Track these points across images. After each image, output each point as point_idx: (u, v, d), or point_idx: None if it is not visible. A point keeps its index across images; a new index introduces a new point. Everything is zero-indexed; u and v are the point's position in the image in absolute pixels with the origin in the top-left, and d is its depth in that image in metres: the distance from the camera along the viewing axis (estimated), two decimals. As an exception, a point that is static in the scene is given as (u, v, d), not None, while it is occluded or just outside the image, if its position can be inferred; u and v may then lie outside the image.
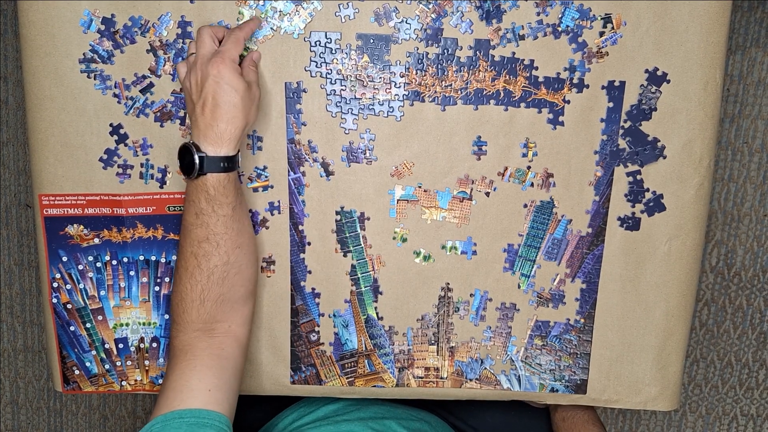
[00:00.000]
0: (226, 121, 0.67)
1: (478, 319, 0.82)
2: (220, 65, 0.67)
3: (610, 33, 0.75)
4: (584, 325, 0.82)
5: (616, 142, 0.77)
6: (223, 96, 0.67)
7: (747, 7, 1.38)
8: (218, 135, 0.68)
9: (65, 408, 1.62)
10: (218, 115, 0.67)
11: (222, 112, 0.67)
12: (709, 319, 1.51)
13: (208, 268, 0.69)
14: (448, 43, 0.75)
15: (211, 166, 0.68)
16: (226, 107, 0.67)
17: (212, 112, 0.67)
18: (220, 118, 0.67)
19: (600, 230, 0.80)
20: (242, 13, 0.74)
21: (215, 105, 0.67)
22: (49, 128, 0.77)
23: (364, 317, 0.83)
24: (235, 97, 0.67)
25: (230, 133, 0.68)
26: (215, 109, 0.67)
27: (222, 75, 0.67)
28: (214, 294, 0.70)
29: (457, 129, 0.77)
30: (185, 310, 0.69)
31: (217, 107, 0.67)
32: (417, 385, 0.84)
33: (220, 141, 0.68)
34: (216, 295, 0.70)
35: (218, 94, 0.67)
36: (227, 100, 0.67)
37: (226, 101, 0.67)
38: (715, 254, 1.48)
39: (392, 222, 0.80)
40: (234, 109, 0.68)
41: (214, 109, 0.67)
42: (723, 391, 1.55)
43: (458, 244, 0.80)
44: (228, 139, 0.68)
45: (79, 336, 0.83)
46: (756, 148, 1.42)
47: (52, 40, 0.75)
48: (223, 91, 0.67)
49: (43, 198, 0.79)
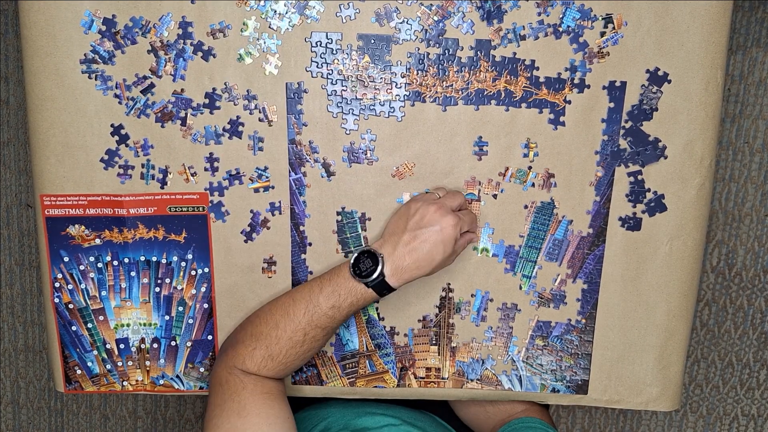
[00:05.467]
0: (417, 267, 0.70)
1: (479, 320, 0.82)
2: (453, 226, 0.70)
3: (611, 33, 0.75)
4: (585, 326, 0.82)
5: (617, 142, 0.77)
6: (432, 249, 0.70)
7: (748, 7, 1.38)
8: (402, 269, 0.70)
9: (66, 408, 1.62)
10: (415, 257, 0.70)
11: (420, 258, 0.70)
12: (710, 319, 1.51)
13: (309, 349, 0.74)
14: (448, 44, 0.75)
15: (378, 286, 0.71)
16: (425, 258, 0.70)
17: (413, 250, 0.70)
18: (414, 260, 0.70)
19: (601, 230, 0.80)
20: (246, 24, 0.74)
21: (419, 249, 0.70)
22: (50, 129, 0.77)
23: (366, 318, 0.83)
24: (437, 256, 0.70)
25: (410, 275, 0.71)
26: (416, 250, 0.70)
27: (447, 233, 0.70)
28: (296, 365, 0.75)
29: (458, 129, 0.77)
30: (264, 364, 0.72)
31: (419, 251, 0.70)
32: (418, 385, 0.84)
33: (399, 274, 0.70)
34: (296, 366, 0.75)
35: (430, 244, 0.70)
36: (432, 254, 0.70)
37: (430, 255, 0.70)
38: (716, 254, 1.48)
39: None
40: (427, 264, 0.70)
41: (415, 250, 0.70)
42: (724, 392, 1.55)
43: (490, 247, 0.80)
44: (404, 279, 0.71)
45: (80, 336, 0.83)
46: (757, 148, 1.42)
47: (53, 41, 0.75)
48: (436, 245, 0.70)
49: (45, 198, 0.79)
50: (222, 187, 0.79)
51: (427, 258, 0.70)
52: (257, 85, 0.76)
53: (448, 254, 0.71)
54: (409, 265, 0.70)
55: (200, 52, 0.76)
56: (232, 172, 0.79)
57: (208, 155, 0.78)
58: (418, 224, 0.71)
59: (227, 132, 0.78)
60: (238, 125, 0.77)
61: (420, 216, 0.71)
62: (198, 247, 0.80)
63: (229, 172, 0.79)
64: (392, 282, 0.71)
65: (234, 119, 0.77)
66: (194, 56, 0.76)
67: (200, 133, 0.78)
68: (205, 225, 0.80)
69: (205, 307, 0.82)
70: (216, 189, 0.79)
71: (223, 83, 0.76)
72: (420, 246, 0.70)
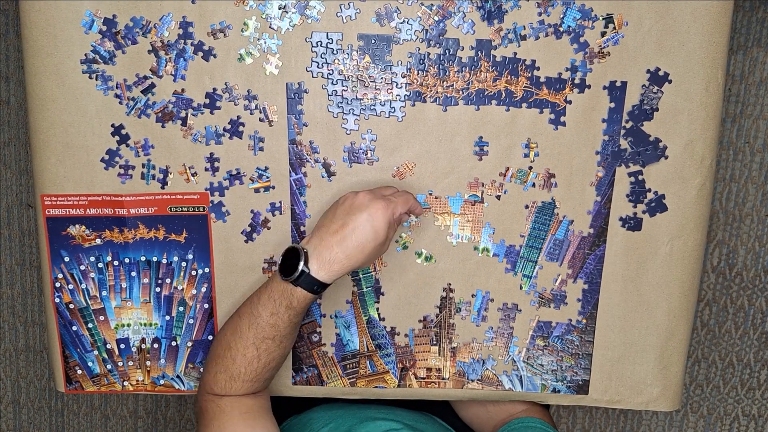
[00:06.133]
0: (346, 256, 0.67)
1: (479, 320, 0.82)
2: (382, 209, 0.67)
3: (611, 33, 0.75)
4: (586, 326, 0.82)
5: (617, 142, 0.77)
6: (363, 235, 0.66)
7: (749, 7, 1.37)
8: (330, 260, 0.67)
9: (67, 408, 1.62)
10: (344, 246, 0.66)
11: (349, 246, 0.66)
12: (711, 319, 1.51)
13: (268, 362, 0.71)
14: (449, 44, 0.75)
15: (305, 282, 0.67)
16: (355, 244, 0.66)
17: (342, 239, 0.67)
18: (344, 249, 0.66)
19: (601, 231, 0.80)
20: (247, 24, 0.74)
21: (349, 237, 0.66)
22: (50, 129, 0.77)
23: (366, 318, 0.83)
24: (369, 243, 0.67)
25: (340, 266, 0.67)
26: (346, 239, 0.66)
27: (376, 218, 0.67)
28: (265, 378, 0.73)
29: (458, 129, 0.77)
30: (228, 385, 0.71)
31: (349, 239, 0.66)
32: (419, 385, 0.84)
33: (328, 267, 0.67)
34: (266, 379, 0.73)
35: (360, 231, 0.66)
36: (362, 240, 0.66)
37: (360, 240, 0.66)
38: (717, 254, 1.48)
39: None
40: (358, 252, 0.67)
41: (345, 239, 0.66)
42: (724, 392, 1.55)
43: (491, 247, 0.80)
44: (334, 270, 0.67)
45: (81, 336, 0.83)
46: (758, 148, 1.42)
47: (54, 41, 0.75)
48: (365, 232, 0.66)
49: (45, 198, 0.79)
50: (222, 187, 0.79)
51: (358, 246, 0.66)
52: (258, 85, 0.76)
53: (380, 241, 0.67)
54: (338, 255, 0.66)
55: (201, 52, 0.76)
56: (233, 172, 0.79)
57: (208, 155, 0.78)
58: (346, 211, 0.67)
59: (228, 132, 0.78)
60: (239, 125, 0.77)
61: (349, 204, 0.68)
62: (198, 247, 0.80)
63: (229, 172, 0.79)
64: (321, 276, 0.67)
65: (234, 119, 0.77)
66: (195, 56, 0.76)
67: (201, 133, 0.78)
68: (206, 225, 0.80)
69: (205, 308, 0.82)
70: (216, 189, 0.79)
71: (223, 83, 0.76)
72: (349, 234, 0.66)
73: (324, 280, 0.67)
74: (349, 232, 0.66)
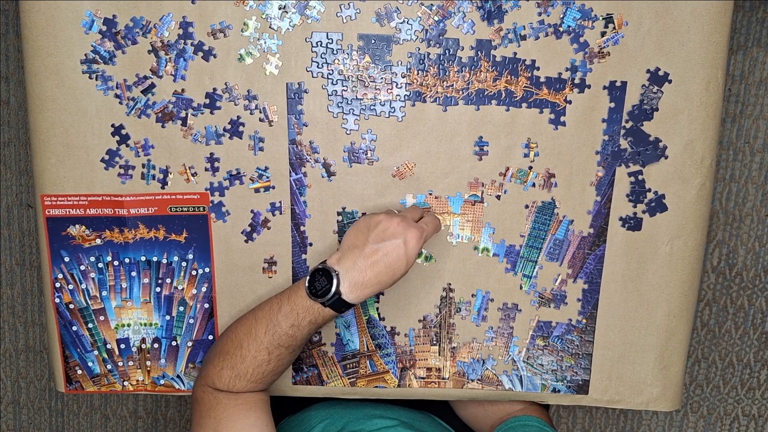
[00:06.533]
0: (378, 281, 0.67)
1: (479, 320, 0.82)
2: (417, 238, 0.68)
3: (611, 33, 0.75)
4: (586, 326, 0.82)
5: (617, 142, 0.77)
6: (395, 263, 0.67)
7: (748, 7, 1.38)
8: (362, 284, 0.67)
9: (67, 408, 1.62)
10: (376, 271, 0.67)
11: (381, 271, 0.67)
12: (711, 319, 1.51)
13: (277, 366, 0.72)
14: (449, 44, 0.75)
15: (335, 304, 0.68)
16: (387, 272, 0.67)
17: (375, 263, 0.67)
18: (376, 274, 0.67)
19: (601, 230, 0.80)
20: (247, 24, 0.74)
21: (381, 262, 0.67)
22: (50, 129, 0.77)
23: (366, 318, 0.83)
24: (401, 270, 0.68)
25: (370, 290, 0.68)
26: (378, 264, 0.67)
27: (410, 246, 0.67)
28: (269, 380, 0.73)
29: (458, 129, 0.77)
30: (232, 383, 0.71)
31: (381, 264, 0.67)
32: (419, 385, 0.84)
33: (359, 290, 0.67)
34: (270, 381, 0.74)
35: (393, 258, 0.67)
36: (395, 267, 0.67)
37: (393, 267, 0.67)
38: (717, 254, 1.48)
39: None
40: (389, 278, 0.68)
41: (377, 263, 0.67)
42: (724, 392, 1.55)
43: (491, 247, 0.80)
44: (364, 294, 0.68)
45: (81, 336, 0.83)
46: (757, 148, 1.42)
47: (54, 41, 0.75)
48: (399, 259, 0.67)
49: (45, 198, 0.79)
50: (222, 187, 0.79)
51: (389, 272, 0.67)
52: (258, 85, 0.76)
53: (410, 267, 0.69)
54: (370, 279, 0.67)
55: (201, 52, 0.76)
56: (233, 172, 0.79)
57: (208, 155, 0.78)
58: (380, 237, 0.68)
59: (228, 132, 0.78)
60: (239, 125, 0.77)
61: (383, 228, 0.68)
62: (198, 247, 0.81)
63: (229, 172, 0.79)
64: (350, 298, 0.68)
65: (234, 119, 0.77)
66: (195, 56, 0.76)
67: (201, 133, 0.78)
68: (206, 225, 0.80)
69: (205, 307, 0.82)
70: (216, 189, 0.79)
71: (223, 83, 0.76)
72: (382, 259, 0.67)
73: (352, 302, 0.68)
74: (382, 257, 0.67)
